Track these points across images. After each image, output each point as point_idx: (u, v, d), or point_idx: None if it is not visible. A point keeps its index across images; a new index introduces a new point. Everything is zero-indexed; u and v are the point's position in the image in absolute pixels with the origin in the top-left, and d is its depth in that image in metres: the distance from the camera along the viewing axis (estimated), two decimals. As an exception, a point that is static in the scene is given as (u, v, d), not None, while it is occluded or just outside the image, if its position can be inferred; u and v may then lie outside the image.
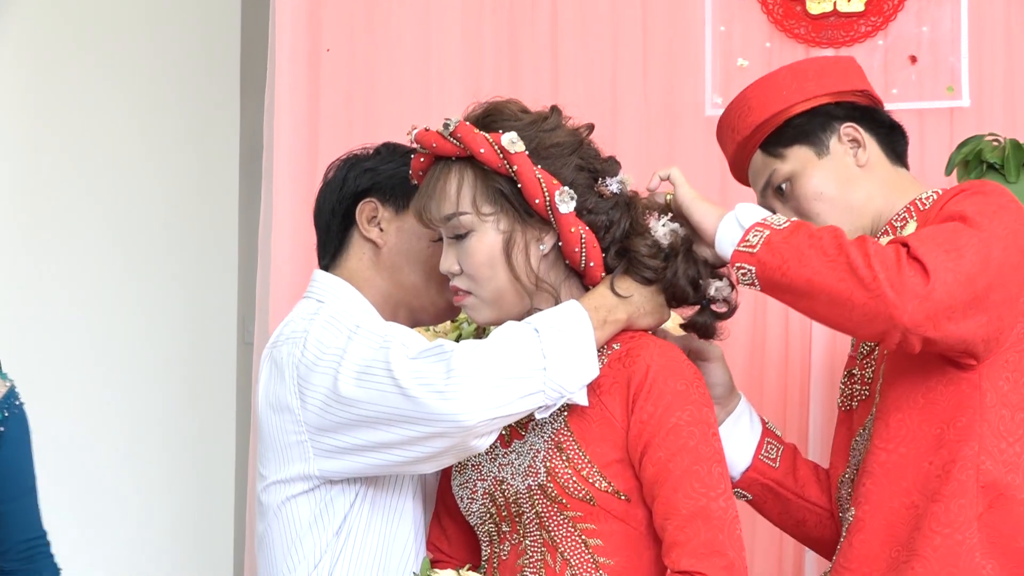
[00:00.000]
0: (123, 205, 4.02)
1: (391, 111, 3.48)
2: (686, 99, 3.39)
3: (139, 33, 4.09)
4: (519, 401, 1.97)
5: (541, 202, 2.05)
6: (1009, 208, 2.05)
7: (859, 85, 2.28)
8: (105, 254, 3.94)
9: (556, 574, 2.05)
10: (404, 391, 1.97)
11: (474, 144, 2.05)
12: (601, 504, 2.03)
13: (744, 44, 3.33)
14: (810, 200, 2.20)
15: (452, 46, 3.54)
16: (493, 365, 1.96)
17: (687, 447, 2.00)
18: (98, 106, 3.91)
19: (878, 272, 1.91)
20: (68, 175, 3.80)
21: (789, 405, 3.26)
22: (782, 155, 2.24)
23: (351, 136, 2.95)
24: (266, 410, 2.13)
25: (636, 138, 3.36)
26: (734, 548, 1.99)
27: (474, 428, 1.96)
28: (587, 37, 3.47)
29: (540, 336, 1.99)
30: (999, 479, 2.01)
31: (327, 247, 2.28)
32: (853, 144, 2.22)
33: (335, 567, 2.10)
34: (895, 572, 2.05)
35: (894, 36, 3.26)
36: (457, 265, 2.09)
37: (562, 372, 1.98)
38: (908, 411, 2.08)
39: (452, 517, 2.25)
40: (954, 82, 3.26)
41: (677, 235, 2.13)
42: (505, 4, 3.53)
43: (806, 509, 2.31)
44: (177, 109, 4.27)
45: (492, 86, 3.37)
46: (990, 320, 1.98)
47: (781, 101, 2.22)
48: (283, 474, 2.10)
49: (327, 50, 3.60)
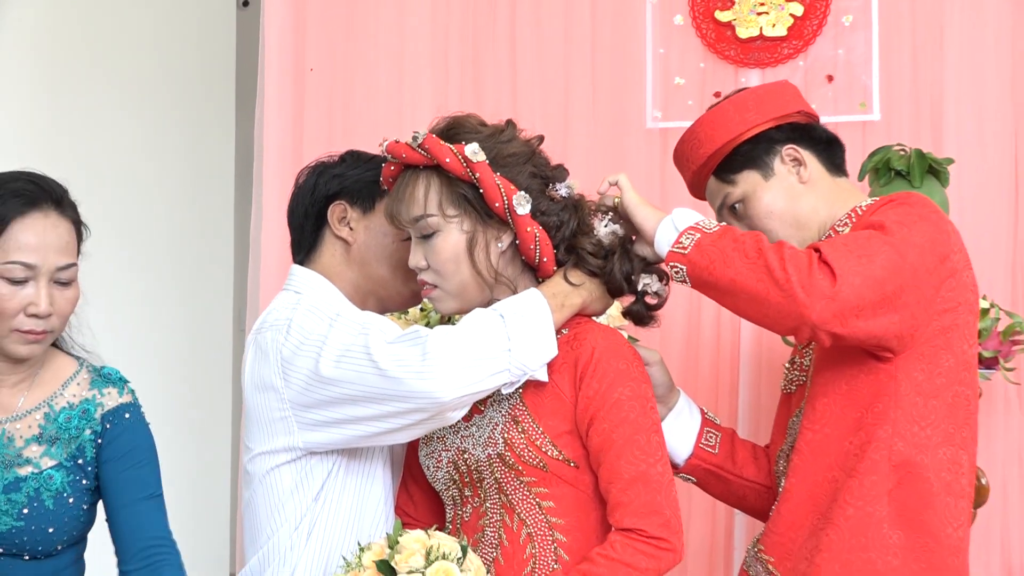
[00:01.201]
0: (129, 207, 4.00)
1: (367, 123, 3.47)
2: (630, 113, 3.40)
3: (145, 54, 4.07)
4: (488, 379, 1.98)
5: (500, 205, 2.05)
6: (929, 218, 2.05)
7: (796, 107, 2.26)
8: (113, 252, 3.91)
9: (514, 533, 2.06)
10: (383, 372, 1.97)
11: (440, 154, 2.05)
12: (553, 470, 2.04)
13: (681, 64, 3.34)
14: (762, 218, 2.20)
15: (422, 66, 3.54)
16: (464, 347, 1.97)
17: (628, 419, 2.01)
18: (108, 118, 3.88)
19: (791, 274, 1.92)
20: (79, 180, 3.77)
21: (720, 389, 3.28)
22: (733, 180, 2.23)
23: (332, 145, 2.93)
24: (252, 390, 2.13)
25: (586, 147, 3.37)
26: (670, 508, 2.00)
27: (449, 403, 1.97)
28: (542, 58, 3.47)
29: (505, 321, 2.00)
30: (909, 459, 2.01)
31: (301, 245, 2.28)
32: (795, 163, 2.21)
33: (314, 528, 2.10)
34: (814, 538, 2.05)
35: (813, 58, 3.27)
36: (424, 261, 2.09)
37: (525, 352, 1.99)
38: (833, 396, 2.08)
39: (418, 484, 2.25)
40: (866, 99, 3.27)
41: (616, 236, 2.14)
42: (469, 29, 3.53)
43: (746, 487, 2.31)
44: (178, 122, 4.25)
45: (458, 102, 3.37)
46: (903, 318, 1.98)
47: (727, 132, 2.21)
48: (268, 446, 2.10)
49: (311, 69, 3.59)
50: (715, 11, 3.33)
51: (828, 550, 2.02)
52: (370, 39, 3.57)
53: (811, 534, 2.06)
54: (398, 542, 1.92)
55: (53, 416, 2.08)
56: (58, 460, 2.06)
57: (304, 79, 3.60)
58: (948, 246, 2.04)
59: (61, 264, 2.05)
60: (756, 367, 3.22)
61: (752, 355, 3.23)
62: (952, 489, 2.04)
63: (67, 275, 2.06)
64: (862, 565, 2.00)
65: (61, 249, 2.05)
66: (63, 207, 2.09)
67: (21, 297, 2.01)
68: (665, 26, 3.38)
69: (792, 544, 2.08)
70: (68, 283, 2.07)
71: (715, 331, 3.27)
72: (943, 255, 2.03)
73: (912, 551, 2.01)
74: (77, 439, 2.07)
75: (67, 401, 2.10)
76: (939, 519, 2.02)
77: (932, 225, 2.04)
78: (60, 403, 2.09)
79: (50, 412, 2.08)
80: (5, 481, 2.04)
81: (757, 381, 3.22)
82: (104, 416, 2.10)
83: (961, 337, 2.06)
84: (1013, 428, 3.16)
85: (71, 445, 2.07)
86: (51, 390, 2.11)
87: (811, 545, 2.05)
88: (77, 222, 2.12)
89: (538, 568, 2.03)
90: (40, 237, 2.03)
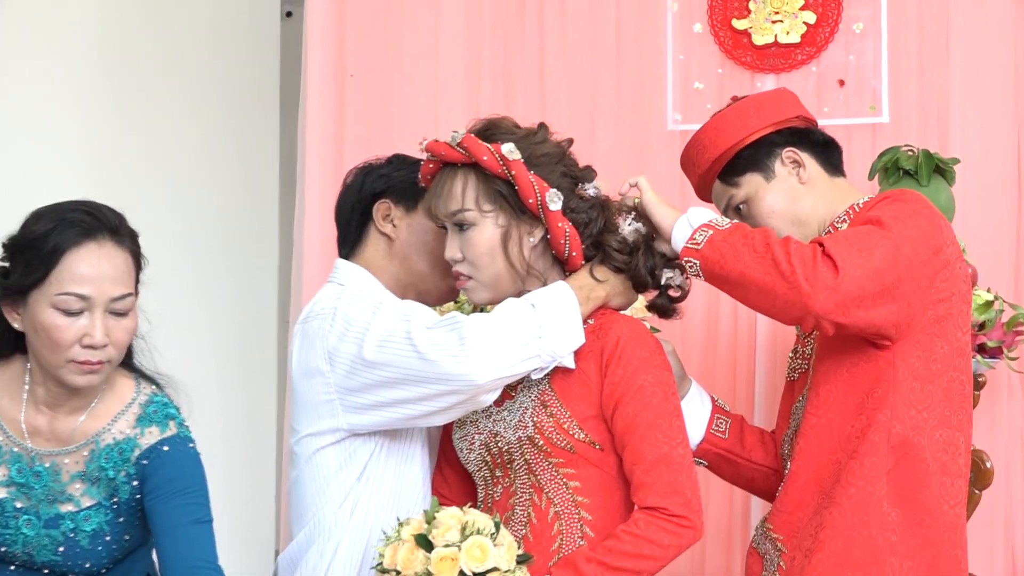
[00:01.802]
0: (185, 206, 4.02)
1: (404, 126, 3.47)
2: (651, 116, 3.39)
3: (198, 64, 4.09)
4: (520, 364, 1.99)
5: (534, 201, 2.05)
6: (923, 213, 2.04)
7: (794, 112, 2.26)
8: (170, 247, 3.93)
9: (542, 511, 2.06)
10: (423, 356, 1.98)
11: (478, 152, 2.05)
12: (579, 452, 2.04)
13: (700, 70, 3.33)
14: (765, 217, 2.20)
15: (455, 71, 3.54)
16: (499, 334, 1.98)
17: (651, 404, 2.01)
18: (165, 124, 3.91)
19: (796, 267, 1.93)
20: (142, 180, 3.81)
21: (738, 378, 3.28)
22: (736, 183, 2.23)
23: (370, 148, 2.95)
24: (299, 375, 2.13)
25: (610, 149, 3.36)
26: (691, 488, 2.01)
27: (484, 386, 1.98)
28: (569, 63, 3.46)
29: (536, 310, 2.01)
30: (907, 440, 2.01)
31: (347, 239, 2.28)
32: (794, 165, 2.21)
33: (357, 506, 2.10)
34: (819, 516, 2.05)
35: (825, 64, 3.26)
36: (460, 253, 2.09)
37: (555, 340, 2.00)
38: (835, 383, 2.08)
39: (451, 466, 2.26)
40: (876, 102, 3.25)
41: (640, 233, 2.14)
42: (500, 37, 3.53)
43: (754, 470, 2.31)
44: (228, 127, 4.27)
45: (489, 106, 3.37)
46: (900, 308, 1.98)
47: (730, 138, 2.21)
48: (314, 428, 2.10)
49: (350, 76, 3.60)
50: (732, 19, 3.33)
51: (831, 527, 2.02)
52: (407, 47, 3.58)
53: (815, 512, 2.06)
54: (435, 518, 1.92)
55: (96, 454, 1.99)
56: (97, 500, 2.00)
57: (344, 85, 3.60)
58: (941, 239, 2.04)
59: (116, 295, 1.93)
60: (771, 357, 3.22)
61: (767, 346, 3.23)
62: (948, 469, 2.04)
63: (123, 305, 1.95)
64: (863, 541, 2.00)
65: (116, 280, 1.94)
66: (119, 236, 1.97)
67: (76, 328, 1.90)
68: (685, 34, 3.38)
69: (798, 522, 2.09)
70: (124, 313, 1.95)
71: (732, 323, 3.27)
72: (936, 248, 2.03)
73: (910, 527, 2.02)
74: (113, 481, 1.99)
75: (113, 437, 2.00)
76: (935, 497, 2.02)
77: (926, 220, 2.04)
78: (106, 440, 2.00)
79: (95, 449, 1.99)
80: (47, 516, 1.99)
81: (772, 369, 3.21)
82: (139, 457, 1.99)
83: (955, 325, 2.06)
84: (1016, 414, 3.15)
85: (109, 487, 1.99)
86: (102, 423, 2.01)
87: (816, 523, 2.05)
88: (135, 252, 2.01)
89: (565, 544, 2.04)
90: (95, 268, 1.91)
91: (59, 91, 3.44)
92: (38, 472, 1.99)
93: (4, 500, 1.98)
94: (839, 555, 2.01)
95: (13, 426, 2.00)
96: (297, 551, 2.13)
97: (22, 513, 1.98)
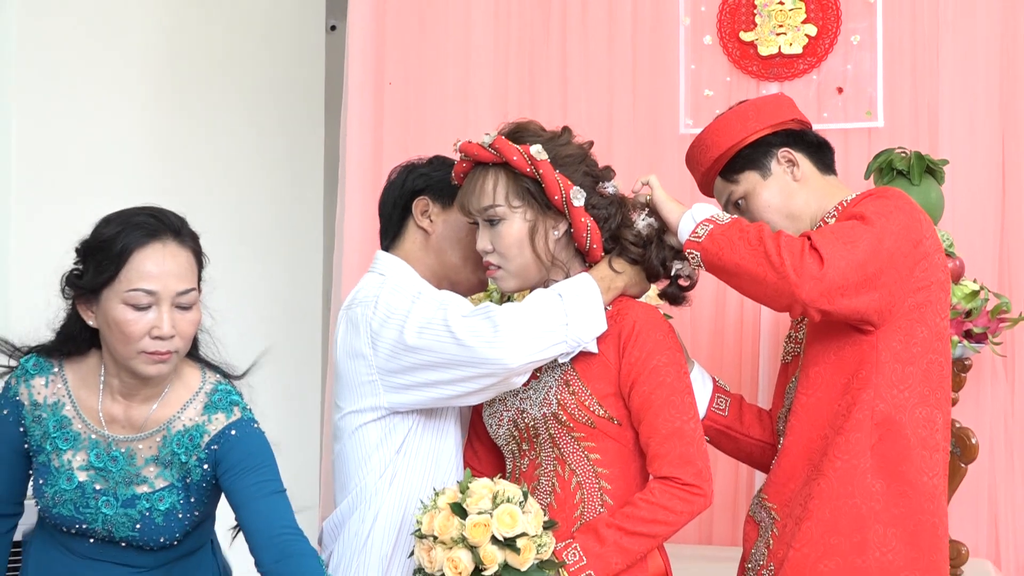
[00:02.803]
0: (237, 204, 4.03)
1: (437, 129, 3.48)
2: (664, 121, 3.39)
3: (251, 73, 4.10)
4: (549, 349, 1.99)
5: (559, 198, 2.04)
6: (904, 209, 2.03)
7: (790, 115, 2.24)
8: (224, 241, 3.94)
9: (565, 481, 2.06)
10: (460, 341, 1.98)
11: (508, 153, 2.05)
12: (599, 427, 2.04)
13: (709, 78, 3.32)
14: (762, 211, 2.18)
15: (484, 79, 3.54)
16: (529, 322, 1.98)
17: (665, 383, 2.01)
18: (220, 129, 3.93)
19: (785, 258, 1.92)
20: (198, 182, 3.82)
21: (743, 360, 3.27)
22: (736, 180, 2.21)
23: (406, 150, 2.95)
24: (344, 357, 2.13)
25: (626, 150, 3.36)
26: (702, 459, 2.01)
27: (515, 369, 1.98)
28: (589, 72, 3.46)
29: (563, 300, 2.01)
30: (889, 417, 2.01)
31: (388, 232, 2.27)
32: (789, 164, 2.19)
33: (395, 477, 2.10)
34: (808, 487, 2.05)
35: (825, 72, 3.25)
36: (491, 245, 2.09)
37: (580, 327, 2.00)
38: (823, 365, 2.07)
39: (481, 441, 2.25)
40: (871, 108, 3.24)
41: (652, 228, 2.13)
42: (527, 48, 3.53)
43: (752, 445, 2.29)
44: (277, 131, 4.28)
45: (516, 111, 3.36)
46: (881, 296, 1.97)
47: (730, 138, 2.20)
48: (357, 406, 2.10)
49: (389, 84, 3.60)
50: (739, 32, 3.32)
51: (819, 497, 2.02)
52: (440, 58, 3.58)
53: (805, 483, 2.06)
54: (468, 487, 1.93)
55: (168, 440, 1.99)
56: (170, 481, 2.00)
57: (383, 93, 3.61)
58: (920, 233, 2.03)
59: (181, 290, 1.94)
60: (774, 342, 3.21)
61: (770, 331, 3.22)
62: (927, 443, 2.03)
63: (187, 300, 1.96)
64: (849, 510, 2.00)
65: (180, 276, 1.95)
66: (182, 237, 1.98)
67: (146, 322, 1.91)
68: (696, 45, 3.37)
69: (790, 493, 2.08)
70: (189, 307, 1.96)
71: (739, 310, 3.26)
72: (916, 241, 2.02)
73: (892, 497, 2.01)
74: (185, 464, 1.99)
75: (182, 424, 2.00)
76: (915, 470, 2.01)
77: (906, 215, 2.03)
78: (176, 427, 2.00)
79: (167, 435, 2.00)
80: (124, 497, 1.99)
81: (775, 353, 3.20)
82: (209, 443, 1.99)
83: (934, 312, 2.05)
84: (999, 395, 3.14)
85: (181, 469, 2.00)
86: (172, 411, 2.01)
87: (805, 493, 2.05)
88: (197, 251, 2.01)
89: (586, 511, 2.03)
90: (160, 266, 1.92)
91: (127, 99, 3.45)
92: (115, 457, 2.00)
93: (84, 483, 2.00)
94: (826, 523, 2.00)
95: (91, 415, 2.01)
96: (340, 517, 2.14)
97: (101, 495, 1.99)
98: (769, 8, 3.29)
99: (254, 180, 4.14)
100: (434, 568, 1.92)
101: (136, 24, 3.50)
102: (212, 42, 3.90)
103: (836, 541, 2.00)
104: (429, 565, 1.93)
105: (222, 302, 2.17)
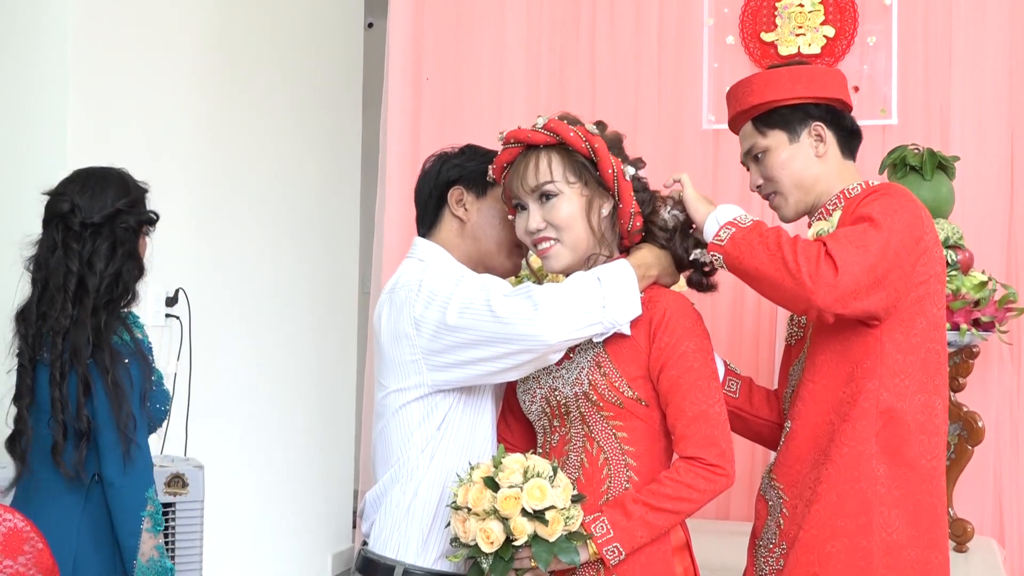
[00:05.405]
0: (279, 193, 4.05)
1: (472, 123, 3.49)
2: (688, 116, 3.38)
3: (293, 70, 4.11)
4: (585, 328, 1.98)
5: (612, 172, 2.04)
6: (907, 206, 2.02)
7: (837, 94, 2.19)
8: (267, 229, 3.97)
9: (593, 457, 2.05)
10: (501, 319, 1.97)
11: (564, 132, 2.04)
12: (627, 407, 2.03)
13: (732, 76, 3.31)
14: (776, 169, 2.16)
15: (517, 75, 3.54)
16: (568, 301, 1.97)
17: (692, 368, 2.00)
18: (263, 124, 3.94)
19: (802, 265, 1.91)
20: (242, 174, 3.84)
21: (761, 345, 3.27)
22: (764, 133, 2.18)
23: (443, 142, 2.96)
24: (388, 339, 2.12)
25: (651, 144, 3.36)
26: (725, 441, 2.00)
27: (554, 346, 1.97)
28: (617, 70, 3.46)
29: (601, 283, 2.00)
30: (892, 406, 2.00)
31: (424, 220, 2.26)
32: (817, 139, 2.16)
33: (436, 452, 2.10)
34: (815, 471, 2.04)
35: (842, 71, 3.22)
36: (543, 222, 2.06)
37: (617, 310, 1.99)
38: (829, 354, 2.06)
39: (515, 416, 2.25)
40: (886, 106, 3.22)
41: (677, 219, 2.13)
42: (557, 47, 3.52)
43: (761, 424, 2.29)
44: (317, 124, 4.29)
45: (546, 107, 3.37)
46: (888, 294, 1.96)
47: (775, 92, 2.16)
48: (400, 384, 2.10)
49: (426, 79, 3.61)
50: (761, 32, 3.30)
51: (827, 481, 2.01)
52: (475, 55, 3.58)
53: (812, 467, 2.05)
54: (501, 463, 1.93)
55: None
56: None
57: (421, 87, 3.62)
58: (921, 229, 2.01)
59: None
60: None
61: (787, 316, 3.21)
62: (926, 428, 2.02)
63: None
64: (855, 494, 2.00)
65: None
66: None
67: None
68: (719, 45, 3.36)
69: (797, 474, 2.08)
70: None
71: (757, 299, 3.26)
72: (918, 237, 2.00)
73: (894, 480, 2.00)
74: None
75: None
76: (915, 453, 2.01)
77: (909, 212, 2.01)
78: None
79: None
80: None
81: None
82: None
83: (933, 304, 2.04)
84: (1005, 381, 3.13)
85: None
86: None
87: (813, 476, 2.04)
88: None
89: (613, 487, 2.03)
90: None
91: (180, 93, 3.47)
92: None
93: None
94: (834, 506, 2.00)
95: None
96: (382, 490, 2.14)
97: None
98: (789, 10, 3.28)
99: (297, 169, 4.16)
100: (468, 538, 1.93)
101: (189, 23, 3.51)
102: (259, 39, 3.91)
103: (843, 523, 2.00)
104: (464, 535, 1.94)
105: (271, 287, 2.18)
